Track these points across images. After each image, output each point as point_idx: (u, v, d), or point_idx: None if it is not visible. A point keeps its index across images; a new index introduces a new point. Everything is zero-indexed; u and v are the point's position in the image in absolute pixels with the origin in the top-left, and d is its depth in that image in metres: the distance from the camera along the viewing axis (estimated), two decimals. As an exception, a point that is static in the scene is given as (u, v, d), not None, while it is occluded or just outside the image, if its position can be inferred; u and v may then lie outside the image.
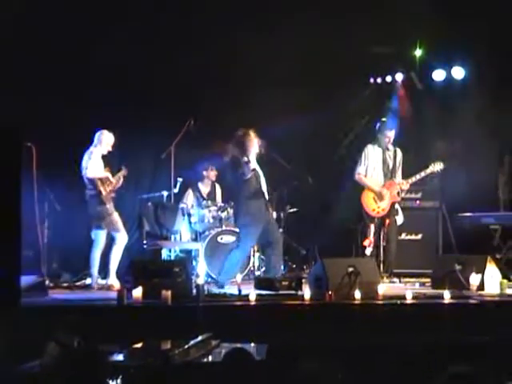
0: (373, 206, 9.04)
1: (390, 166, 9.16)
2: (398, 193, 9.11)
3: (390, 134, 9.12)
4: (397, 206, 9.15)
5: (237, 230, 9.55)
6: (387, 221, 8.97)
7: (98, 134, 8.70)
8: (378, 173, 9.16)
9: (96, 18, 9.47)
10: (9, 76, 8.99)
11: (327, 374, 3.17)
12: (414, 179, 9.07)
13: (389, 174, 9.15)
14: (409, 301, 6.82)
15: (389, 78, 10.76)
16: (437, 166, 9.01)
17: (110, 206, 8.56)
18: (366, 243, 8.89)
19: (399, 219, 9.14)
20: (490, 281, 7.57)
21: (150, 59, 9.75)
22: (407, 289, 7.66)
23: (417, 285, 8.63)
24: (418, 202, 9.84)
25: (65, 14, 9.29)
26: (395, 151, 9.21)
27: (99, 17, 9.48)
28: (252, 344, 5.22)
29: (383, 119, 9.28)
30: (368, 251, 8.86)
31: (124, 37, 9.43)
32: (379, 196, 9.03)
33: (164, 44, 9.78)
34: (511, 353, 4.73)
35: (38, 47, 9.27)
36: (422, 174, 9.04)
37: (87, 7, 9.35)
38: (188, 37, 9.79)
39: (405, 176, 9.09)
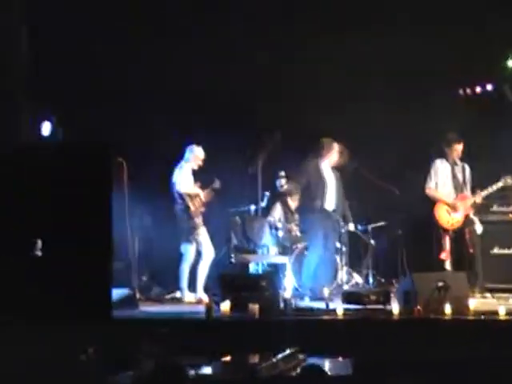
0: (447, 218, 8.92)
1: (460, 180, 9.08)
2: (473, 205, 8.97)
3: (459, 148, 9.00)
4: (473, 216, 8.99)
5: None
6: (466, 230, 8.83)
7: (188, 149, 8.86)
8: (448, 187, 9.06)
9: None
10: (100, 90, 9.24)
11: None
12: (486, 192, 8.96)
13: (459, 188, 9.04)
14: (502, 317, 6.65)
15: (479, 89, 10.53)
16: (509, 180, 8.91)
17: (198, 220, 8.68)
18: (443, 256, 8.76)
19: (478, 229, 8.97)
20: None
21: (235, 74, 9.82)
22: (500, 304, 7.47)
23: (510, 300, 8.41)
24: (511, 215, 9.59)
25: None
26: (463, 166, 9.14)
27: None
28: (339, 359, 5.19)
29: (451, 133, 9.12)
30: (447, 264, 8.72)
31: (205, 51, 9.60)
32: (453, 208, 8.93)
33: (250, 59, 9.85)
34: None
35: (127, 61, 9.48)
36: (494, 187, 8.95)
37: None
38: (272, 49, 9.84)
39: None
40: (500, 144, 9.93)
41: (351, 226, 9.46)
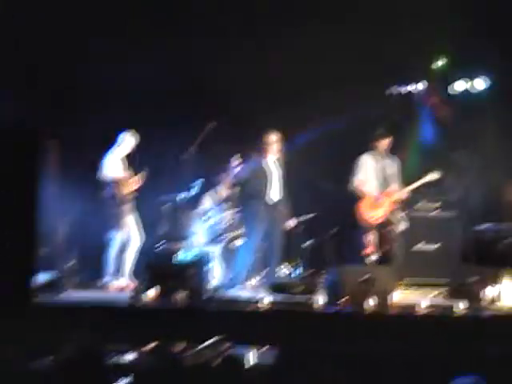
0: (370, 213, 9.05)
1: (387, 174, 9.15)
2: (397, 200, 9.10)
3: (386, 142, 9.11)
4: (396, 213, 9.11)
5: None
6: (388, 228, 8.96)
7: (121, 135, 8.79)
8: (374, 182, 9.14)
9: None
10: (33, 75, 9.09)
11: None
12: (411, 187, 9.10)
13: (385, 184, 9.13)
14: (422, 310, 6.80)
15: (411, 88, 10.71)
16: (434, 175, 9.09)
17: (126, 207, 8.63)
18: (367, 251, 8.87)
19: (401, 225, 9.11)
20: (506, 294, 7.53)
21: (173, 59, 9.76)
22: (422, 298, 7.63)
23: (432, 294, 8.59)
24: (436, 211, 9.80)
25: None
26: (392, 160, 9.22)
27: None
28: (264, 348, 5.23)
29: (380, 128, 9.24)
30: (368, 259, 8.84)
31: (149, 37, 9.50)
32: (376, 203, 9.04)
33: (189, 44, 9.80)
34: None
35: (61, 43, 9.33)
36: (419, 182, 9.10)
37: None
38: (216, 38, 9.81)
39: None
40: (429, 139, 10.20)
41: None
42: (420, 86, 10.63)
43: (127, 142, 8.79)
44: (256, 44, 9.52)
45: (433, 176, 9.10)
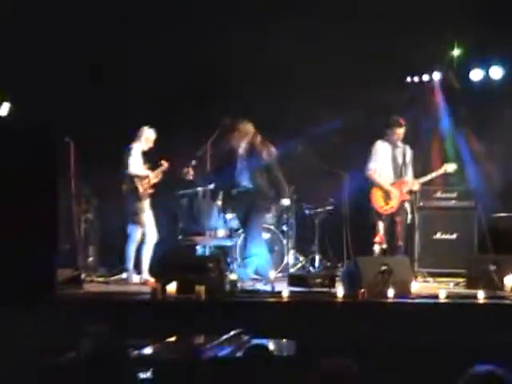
0: (381, 203, 9.02)
1: (400, 163, 9.10)
2: (409, 191, 9.07)
3: (400, 131, 9.03)
4: (407, 204, 9.08)
5: (271, 227, 9.62)
6: (397, 219, 8.91)
7: (139, 130, 8.81)
8: (388, 170, 9.11)
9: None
10: (51, 72, 9.14)
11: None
12: (425, 179, 9.07)
13: (398, 172, 9.10)
14: (442, 300, 6.80)
15: (426, 77, 10.67)
16: (450, 167, 9.04)
17: (146, 202, 8.68)
18: (376, 240, 8.85)
19: (408, 218, 9.09)
20: (524, 281, 7.53)
21: (187, 57, 9.80)
22: (441, 288, 7.63)
23: (451, 284, 8.59)
24: (453, 201, 9.78)
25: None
26: (404, 148, 9.15)
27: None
28: (283, 340, 5.25)
29: (395, 117, 9.19)
30: (376, 248, 8.82)
31: (162, 37, 9.54)
32: (388, 195, 8.99)
33: (201, 40, 9.83)
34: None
35: (80, 43, 9.40)
36: (434, 174, 9.08)
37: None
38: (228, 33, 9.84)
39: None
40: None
41: (285, 201, 9.36)
42: (436, 75, 10.59)
43: (147, 136, 8.79)
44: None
45: (448, 168, 9.06)
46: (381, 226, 8.89)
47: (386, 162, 9.09)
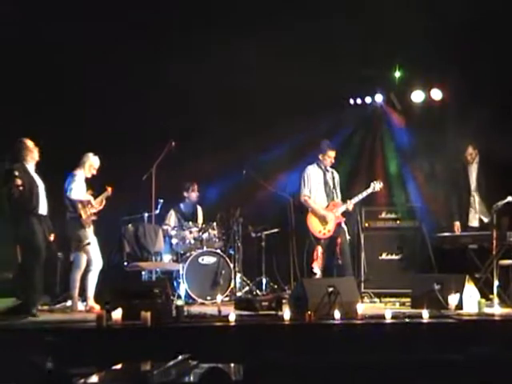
0: (318, 227, 9.09)
1: (331, 186, 9.25)
2: (343, 213, 9.16)
3: (332, 155, 9.18)
4: (343, 225, 9.16)
5: (218, 251, 9.62)
6: (338, 240, 8.99)
7: (83, 157, 8.71)
8: (321, 194, 9.23)
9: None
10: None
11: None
12: (356, 199, 9.19)
13: (331, 195, 9.23)
14: (388, 320, 6.85)
15: (368, 100, 10.83)
16: (377, 186, 9.19)
17: (89, 230, 8.57)
18: (314, 264, 8.90)
19: (347, 238, 9.16)
20: (468, 300, 7.64)
21: (129, 81, 9.80)
22: (387, 308, 7.69)
23: (397, 304, 8.68)
24: (397, 221, 9.91)
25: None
26: (333, 172, 9.33)
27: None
28: (231, 364, 5.21)
29: (326, 141, 9.31)
30: (317, 271, 8.87)
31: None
32: (323, 219, 9.08)
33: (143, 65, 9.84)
34: (485, 372, 4.76)
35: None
36: (364, 193, 9.21)
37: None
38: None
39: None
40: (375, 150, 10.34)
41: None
42: (378, 97, 10.75)
43: (91, 163, 8.70)
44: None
45: (375, 186, 9.19)
46: (319, 250, 8.95)
47: (318, 186, 9.19)
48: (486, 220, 8.99)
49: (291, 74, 9.66)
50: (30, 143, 7.96)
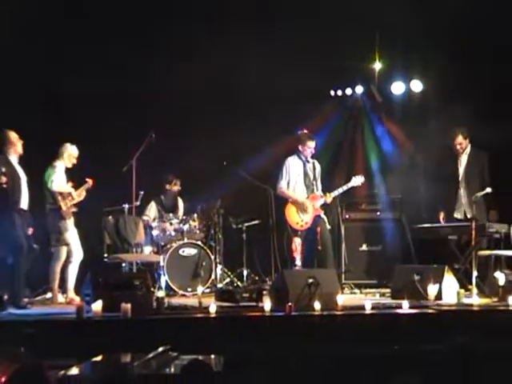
0: (296, 219, 9.08)
1: (311, 178, 9.23)
2: (322, 206, 9.16)
3: (312, 145, 9.16)
4: (323, 216, 9.16)
5: (199, 242, 9.60)
6: (318, 229, 8.97)
7: (61, 147, 8.65)
8: (301, 185, 9.22)
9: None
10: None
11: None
12: (336, 193, 9.18)
13: (311, 186, 9.21)
14: (368, 311, 6.88)
15: (349, 91, 10.84)
16: (358, 180, 9.20)
17: (69, 221, 8.53)
18: (295, 255, 8.91)
19: (327, 227, 9.16)
20: (447, 291, 7.70)
21: (110, 74, 9.76)
22: (367, 299, 7.72)
23: (377, 295, 8.71)
24: (377, 213, 9.94)
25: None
26: (314, 163, 9.29)
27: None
28: (212, 356, 5.22)
29: (305, 131, 9.30)
30: (298, 263, 8.88)
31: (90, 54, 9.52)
32: (302, 208, 9.07)
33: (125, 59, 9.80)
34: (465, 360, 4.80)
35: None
36: (345, 187, 9.21)
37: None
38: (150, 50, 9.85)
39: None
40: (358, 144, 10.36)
41: None
42: (358, 88, 10.77)
43: (69, 153, 8.64)
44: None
45: (356, 181, 9.20)
46: (297, 241, 8.94)
47: (298, 178, 9.18)
48: (469, 215, 8.87)
49: (272, 67, 9.67)
50: (13, 135, 7.91)
